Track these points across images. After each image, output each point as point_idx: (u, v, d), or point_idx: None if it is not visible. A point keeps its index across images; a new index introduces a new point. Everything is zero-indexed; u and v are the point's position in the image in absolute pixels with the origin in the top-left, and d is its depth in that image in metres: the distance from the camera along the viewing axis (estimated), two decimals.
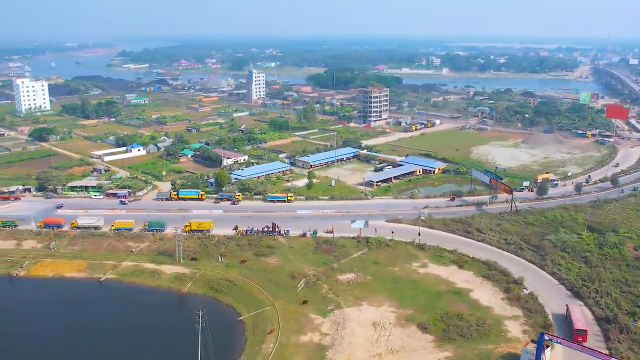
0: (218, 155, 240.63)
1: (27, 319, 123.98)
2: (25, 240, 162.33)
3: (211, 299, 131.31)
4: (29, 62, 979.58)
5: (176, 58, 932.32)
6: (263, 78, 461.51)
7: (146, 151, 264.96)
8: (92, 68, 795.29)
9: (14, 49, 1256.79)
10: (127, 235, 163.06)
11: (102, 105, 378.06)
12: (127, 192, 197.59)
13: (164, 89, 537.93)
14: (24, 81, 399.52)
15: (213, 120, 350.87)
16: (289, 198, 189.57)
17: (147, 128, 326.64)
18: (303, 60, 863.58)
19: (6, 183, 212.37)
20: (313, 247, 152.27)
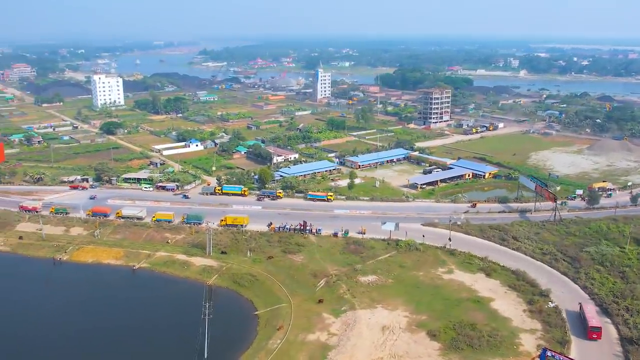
0: (268, 152, 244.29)
1: (59, 300, 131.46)
2: (73, 227, 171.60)
3: (233, 293, 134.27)
4: (117, 60, 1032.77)
5: (253, 57, 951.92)
6: (329, 78, 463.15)
7: (203, 147, 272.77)
8: (174, 66, 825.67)
9: (106, 47, 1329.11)
10: (166, 226, 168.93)
11: (170, 101, 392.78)
12: (175, 186, 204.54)
13: (236, 87, 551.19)
14: (101, 77, 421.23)
15: (274, 119, 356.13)
16: (329, 197, 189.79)
17: (210, 124, 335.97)
18: (377, 60, 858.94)
19: (69, 173, 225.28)
20: (341, 247, 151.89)
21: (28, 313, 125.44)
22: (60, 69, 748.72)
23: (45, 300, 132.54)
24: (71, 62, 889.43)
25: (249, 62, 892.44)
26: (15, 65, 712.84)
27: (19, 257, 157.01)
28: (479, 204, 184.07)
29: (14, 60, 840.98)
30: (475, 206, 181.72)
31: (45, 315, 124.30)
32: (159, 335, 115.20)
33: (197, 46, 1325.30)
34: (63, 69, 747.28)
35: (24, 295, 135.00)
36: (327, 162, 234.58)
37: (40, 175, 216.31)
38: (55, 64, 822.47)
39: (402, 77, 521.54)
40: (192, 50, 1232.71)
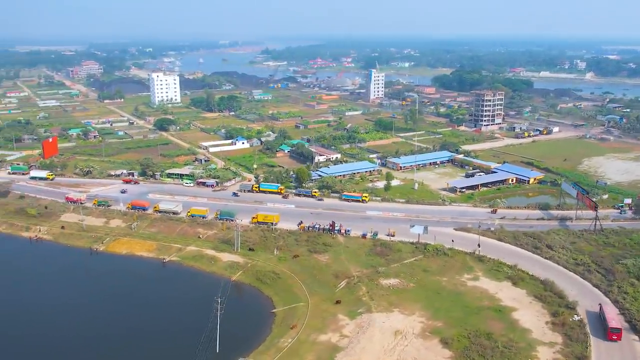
0: (310, 151, 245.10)
1: (88, 288, 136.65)
2: (112, 219, 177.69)
3: (254, 289, 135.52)
4: (182, 58, 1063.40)
5: (314, 56, 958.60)
6: (382, 78, 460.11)
7: (249, 144, 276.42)
8: (236, 65, 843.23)
9: (173, 45, 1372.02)
10: (200, 222, 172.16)
11: (224, 99, 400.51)
12: (214, 182, 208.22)
13: (291, 86, 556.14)
14: (159, 75, 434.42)
15: (324, 118, 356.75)
16: (364, 198, 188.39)
17: (259, 123, 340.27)
18: (438, 61, 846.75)
19: (117, 167, 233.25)
20: (368, 249, 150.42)
21: (59, 299, 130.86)
22: (126, 66, 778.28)
23: (76, 287, 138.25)
24: (138, 60, 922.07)
25: (308, 62, 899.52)
26: (85, 62, 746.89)
27: (59, 246, 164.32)
28: (515, 210, 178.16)
29: (85, 58, 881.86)
30: (496, 212, 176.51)
31: (72, 301, 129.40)
32: (176, 327, 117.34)
33: (260, 46, 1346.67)
34: (129, 67, 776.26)
35: (59, 282, 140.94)
36: (367, 162, 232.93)
37: (89, 168, 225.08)
38: (123, 61, 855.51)
39: (459, 78, 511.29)
40: (255, 50, 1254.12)
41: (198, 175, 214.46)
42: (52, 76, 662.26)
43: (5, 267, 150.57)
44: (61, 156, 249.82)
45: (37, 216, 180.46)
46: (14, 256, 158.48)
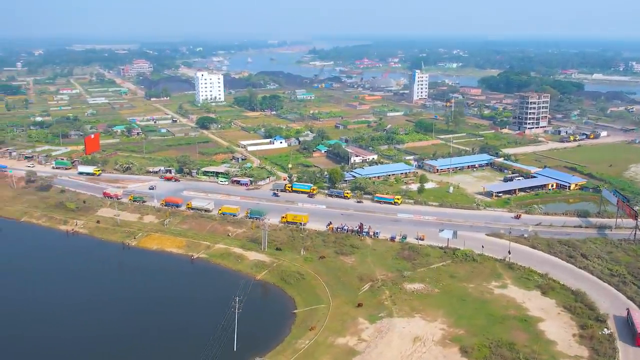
0: (346, 152, 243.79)
1: (115, 282, 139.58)
2: (146, 215, 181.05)
3: (278, 289, 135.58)
4: (230, 57, 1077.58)
5: (360, 56, 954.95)
6: (426, 79, 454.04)
7: (287, 144, 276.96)
8: (283, 64, 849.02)
9: (223, 45, 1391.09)
10: (230, 220, 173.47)
11: (266, 99, 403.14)
12: (249, 181, 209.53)
13: (335, 86, 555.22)
14: (204, 74, 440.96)
15: (364, 119, 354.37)
16: (396, 200, 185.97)
17: (299, 122, 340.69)
18: (487, 62, 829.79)
19: (156, 164, 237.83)
20: (395, 252, 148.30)
21: (86, 292, 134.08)
22: (176, 65, 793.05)
23: (104, 281, 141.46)
24: (188, 60, 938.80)
25: (355, 62, 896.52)
26: (136, 61, 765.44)
27: (94, 240, 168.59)
28: (552, 216, 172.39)
29: (137, 56, 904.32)
30: (520, 217, 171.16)
31: (97, 295, 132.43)
32: (196, 324, 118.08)
33: (308, 45, 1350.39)
34: (178, 66, 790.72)
35: (88, 276, 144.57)
36: (403, 164, 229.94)
37: (129, 164, 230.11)
38: (173, 60, 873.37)
39: (506, 79, 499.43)
40: (303, 50, 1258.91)
41: (233, 174, 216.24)
42: (104, 74, 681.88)
43: (39, 259, 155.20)
44: (104, 152, 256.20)
45: (76, 210, 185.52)
46: (50, 249, 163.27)
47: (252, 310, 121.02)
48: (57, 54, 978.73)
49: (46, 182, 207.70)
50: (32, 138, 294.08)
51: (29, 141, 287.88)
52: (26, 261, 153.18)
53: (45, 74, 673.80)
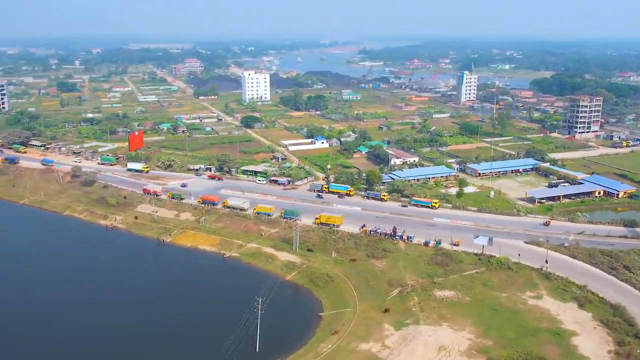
0: (387, 154, 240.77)
1: (146, 277, 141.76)
2: (183, 212, 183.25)
3: (306, 291, 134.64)
4: (281, 57, 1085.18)
5: (410, 57, 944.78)
6: (475, 80, 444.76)
7: (329, 144, 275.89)
8: (332, 64, 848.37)
9: (275, 44, 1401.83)
10: (264, 219, 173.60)
11: (311, 99, 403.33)
12: (286, 180, 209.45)
13: (383, 86, 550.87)
14: (250, 73, 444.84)
15: (409, 120, 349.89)
16: (433, 204, 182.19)
17: (343, 123, 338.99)
18: (540, 64, 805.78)
19: (198, 162, 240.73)
20: (428, 257, 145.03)
21: (118, 286, 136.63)
22: (226, 64, 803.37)
23: (135, 276, 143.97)
24: (238, 59, 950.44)
25: (405, 62, 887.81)
26: (188, 60, 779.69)
27: (130, 235, 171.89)
28: (597, 225, 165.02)
29: (190, 55, 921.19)
30: (549, 224, 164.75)
31: (127, 290, 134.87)
32: (221, 323, 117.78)
33: (359, 45, 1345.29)
34: (228, 65, 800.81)
35: (121, 270, 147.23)
36: (444, 167, 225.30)
37: (170, 162, 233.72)
38: (224, 60, 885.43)
39: (559, 82, 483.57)
40: (353, 50, 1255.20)
41: (271, 173, 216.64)
42: (156, 73, 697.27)
43: (76, 254, 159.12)
44: (148, 149, 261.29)
45: (116, 205, 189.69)
46: (88, 243, 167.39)
47: (279, 311, 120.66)
48: (113, 53, 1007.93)
49: (90, 177, 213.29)
50: (81, 134, 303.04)
51: (78, 137, 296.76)
52: (64, 255, 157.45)
53: (100, 72, 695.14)
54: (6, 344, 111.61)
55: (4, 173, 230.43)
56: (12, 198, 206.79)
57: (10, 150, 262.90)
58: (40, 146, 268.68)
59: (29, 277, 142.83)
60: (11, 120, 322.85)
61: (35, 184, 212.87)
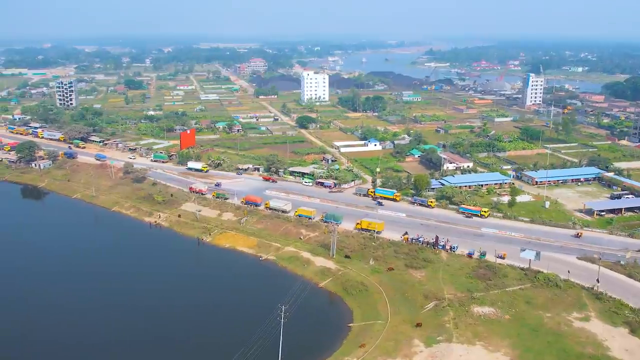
0: (439, 158, 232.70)
1: (180, 276, 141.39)
2: (225, 212, 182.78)
3: (338, 299, 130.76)
4: (346, 57, 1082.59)
5: (478, 58, 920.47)
6: (541, 83, 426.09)
7: (382, 147, 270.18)
8: (396, 65, 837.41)
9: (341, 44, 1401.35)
10: (305, 222, 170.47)
11: (369, 100, 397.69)
12: (332, 183, 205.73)
13: (445, 88, 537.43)
14: (309, 73, 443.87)
15: (469, 123, 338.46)
16: (482, 213, 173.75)
17: (400, 125, 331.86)
18: (616, 67, 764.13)
19: (249, 161, 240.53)
20: (470, 270, 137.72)
21: (152, 284, 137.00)
22: (290, 64, 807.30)
23: (170, 274, 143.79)
24: (303, 59, 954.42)
25: (472, 64, 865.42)
26: (253, 59, 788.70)
27: (172, 233, 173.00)
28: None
29: (256, 55, 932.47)
30: (580, 236, 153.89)
31: (160, 287, 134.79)
32: (247, 328, 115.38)
33: (425, 46, 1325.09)
34: (292, 65, 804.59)
35: (160, 269, 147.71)
36: (498, 174, 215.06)
37: (220, 161, 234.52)
38: (289, 59, 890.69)
39: (634, 86, 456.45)
40: (420, 50, 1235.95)
41: (318, 175, 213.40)
42: (220, 71, 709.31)
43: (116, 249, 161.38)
44: (201, 147, 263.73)
45: (162, 203, 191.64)
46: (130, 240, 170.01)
47: (307, 319, 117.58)
48: (183, 52, 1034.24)
49: (141, 174, 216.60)
50: (140, 131, 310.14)
51: (137, 134, 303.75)
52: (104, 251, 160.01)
53: (168, 70, 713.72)
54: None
55: (61, 167, 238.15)
56: (66, 192, 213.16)
57: (71, 145, 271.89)
58: (99, 142, 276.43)
59: (63, 272, 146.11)
60: (76, 116, 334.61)
61: (89, 179, 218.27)
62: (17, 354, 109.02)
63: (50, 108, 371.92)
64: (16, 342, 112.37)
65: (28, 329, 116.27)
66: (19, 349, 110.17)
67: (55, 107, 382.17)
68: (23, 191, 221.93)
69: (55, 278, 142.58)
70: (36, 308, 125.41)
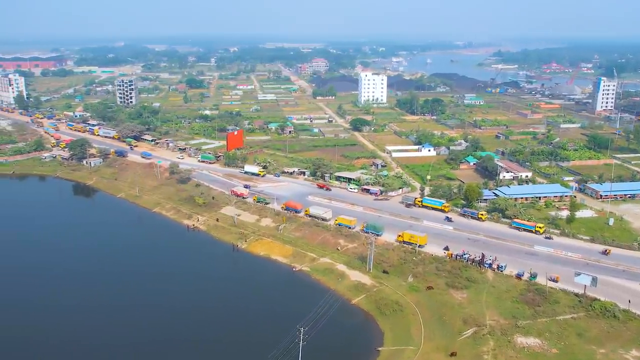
0: (495, 166, 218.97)
1: (209, 283, 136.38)
2: (264, 218, 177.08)
3: (371, 319, 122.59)
4: (411, 58, 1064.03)
5: (548, 60, 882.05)
6: (614, 87, 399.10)
7: (436, 152, 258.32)
8: (462, 66, 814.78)
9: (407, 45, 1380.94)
10: (344, 232, 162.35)
11: (428, 102, 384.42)
12: (379, 190, 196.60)
13: (510, 91, 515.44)
14: (367, 74, 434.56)
15: (532, 129, 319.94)
16: (537, 229, 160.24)
17: (458, 130, 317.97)
18: None
19: (296, 164, 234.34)
20: (518, 293, 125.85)
21: (183, 288, 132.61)
22: (353, 64, 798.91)
23: (199, 282, 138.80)
24: (367, 59, 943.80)
25: (542, 66, 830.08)
26: (315, 60, 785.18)
27: (208, 238, 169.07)
28: None
29: (319, 55, 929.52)
30: (609, 253, 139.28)
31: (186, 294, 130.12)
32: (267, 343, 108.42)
33: (494, 47, 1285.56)
34: (355, 65, 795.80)
35: (189, 276, 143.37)
36: (558, 186, 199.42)
37: (266, 163, 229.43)
38: (352, 60, 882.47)
39: None
40: (488, 51, 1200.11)
41: (364, 181, 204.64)
42: (281, 71, 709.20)
43: (151, 252, 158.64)
44: (250, 148, 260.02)
45: (202, 206, 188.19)
46: (166, 242, 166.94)
47: (334, 339, 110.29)
48: (248, 51, 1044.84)
49: (185, 175, 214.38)
50: (193, 130, 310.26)
51: (189, 133, 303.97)
52: (138, 254, 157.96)
53: (230, 69, 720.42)
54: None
55: (111, 166, 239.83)
56: (111, 191, 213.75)
57: (126, 142, 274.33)
58: (150, 141, 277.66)
59: (98, 272, 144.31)
60: (133, 114, 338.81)
61: (135, 179, 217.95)
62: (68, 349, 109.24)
63: (111, 106, 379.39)
64: (68, 338, 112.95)
65: (72, 328, 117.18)
66: (69, 346, 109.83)
67: (116, 105, 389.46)
68: (71, 188, 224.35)
69: (89, 278, 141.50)
70: (73, 308, 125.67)
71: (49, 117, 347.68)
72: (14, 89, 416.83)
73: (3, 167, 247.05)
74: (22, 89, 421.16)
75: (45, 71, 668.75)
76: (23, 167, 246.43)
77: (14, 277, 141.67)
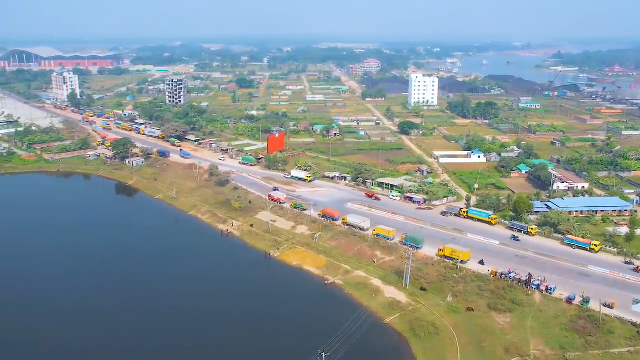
0: (549, 176, 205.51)
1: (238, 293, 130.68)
2: (300, 225, 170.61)
3: (403, 341, 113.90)
4: (466, 60, 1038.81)
5: (611, 63, 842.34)
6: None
7: (487, 159, 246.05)
8: (520, 68, 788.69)
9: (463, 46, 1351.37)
10: (382, 243, 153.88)
11: (480, 105, 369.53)
12: (422, 199, 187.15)
13: (569, 95, 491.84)
14: (418, 76, 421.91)
15: (591, 136, 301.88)
16: (593, 247, 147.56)
17: (511, 135, 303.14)
18: None
19: (338, 169, 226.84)
20: (568, 320, 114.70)
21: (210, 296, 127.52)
22: (406, 65, 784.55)
23: (228, 291, 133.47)
24: (420, 60, 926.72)
25: (604, 69, 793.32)
26: (367, 60, 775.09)
27: (242, 245, 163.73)
28: None
29: (372, 55, 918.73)
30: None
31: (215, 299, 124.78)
32: None
33: (554, 48, 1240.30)
34: (408, 66, 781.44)
35: (221, 280, 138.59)
36: (617, 199, 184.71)
37: (306, 167, 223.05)
38: (406, 61, 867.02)
39: None
40: (547, 53, 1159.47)
41: (407, 189, 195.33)
42: (331, 72, 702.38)
43: (183, 258, 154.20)
44: (293, 151, 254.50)
45: (238, 210, 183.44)
46: (199, 247, 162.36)
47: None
48: (300, 51, 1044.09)
49: (224, 177, 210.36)
50: (238, 131, 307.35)
51: (234, 134, 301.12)
52: (170, 259, 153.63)
53: (282, 69, 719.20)
54: None
55: (152, 166, 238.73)
56: (150, 192, 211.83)
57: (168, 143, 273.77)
58: (194, 141, 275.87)
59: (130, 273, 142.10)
60: (180, 113, 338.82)
61: (174, 180, 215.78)
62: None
63: (159, 105, 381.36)
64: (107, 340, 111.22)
65: (105, 331, 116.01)
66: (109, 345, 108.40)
67: (164, 104, 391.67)
68: (111, 188, 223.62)
69: (122, 280, 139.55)
70: (106, 311, 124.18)
71: (99, 116, 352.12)
72: (68, 87, 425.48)
73: (49, 164, 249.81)
74: (75, 87, 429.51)
75: (102, 69, 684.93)
76: (68, 165, 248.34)
77: (48, 283, 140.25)
